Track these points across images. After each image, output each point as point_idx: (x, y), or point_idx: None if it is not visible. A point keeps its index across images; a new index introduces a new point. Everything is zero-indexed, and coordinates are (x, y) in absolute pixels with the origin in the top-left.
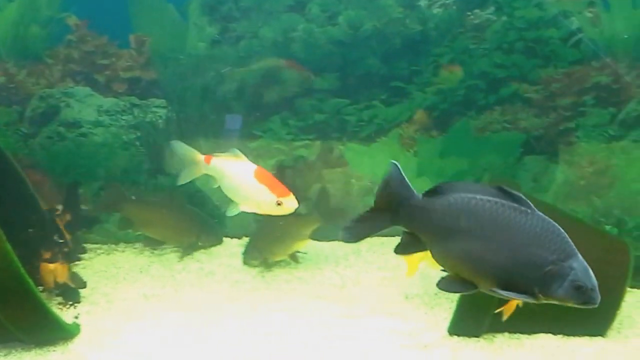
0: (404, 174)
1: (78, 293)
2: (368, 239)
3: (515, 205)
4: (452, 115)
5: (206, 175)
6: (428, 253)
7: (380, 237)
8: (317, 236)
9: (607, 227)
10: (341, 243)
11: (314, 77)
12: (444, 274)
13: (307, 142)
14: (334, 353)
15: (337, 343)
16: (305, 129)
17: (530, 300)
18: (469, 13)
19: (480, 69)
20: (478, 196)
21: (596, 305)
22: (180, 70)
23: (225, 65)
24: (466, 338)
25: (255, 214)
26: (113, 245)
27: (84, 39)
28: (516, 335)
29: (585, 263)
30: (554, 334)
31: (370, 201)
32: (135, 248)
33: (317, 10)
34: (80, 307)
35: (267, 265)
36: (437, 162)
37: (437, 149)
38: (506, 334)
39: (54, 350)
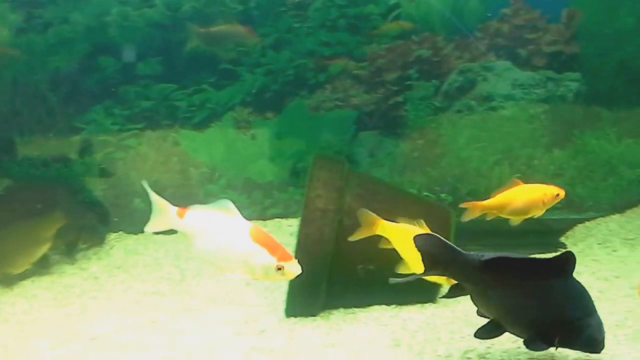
0: (443, 239)
1: None
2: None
3: (554, 269)
4: (285, 96)
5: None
6: None
7: None
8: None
9: (443, 195)
10: (184, 235)
11: None
12: None
13: (135, 131)
14: (166, 349)
15: (169, 338)
16: (132, 117)
17: (549, 348)
18: None
19: (307, 47)
20: (520, 257)
21: (599, 353)
22: None
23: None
24: (303, 318)
25: None
26: None
27: None
28: (351, 310)
29: (600, 319)
30: (388, 305)
31: (212, 189)
32: None
33: None
34: None
35: (9, 280)
36: (275, 144)
37: (274, 130)
38: (342, 309)
39: None
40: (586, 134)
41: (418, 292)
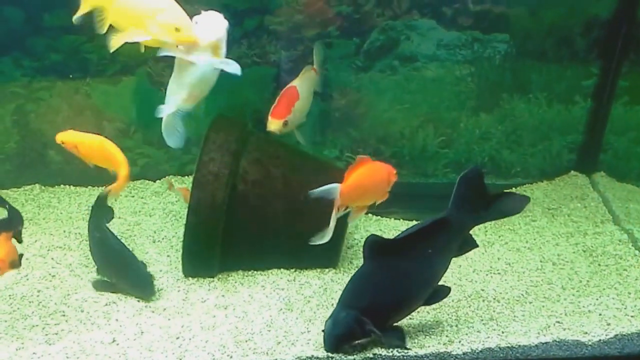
0: None
1: None
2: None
3: None
4: None
5: None
6: None
7: (141, 181)
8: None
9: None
10: (98, 191)
11: None
12: None
13: (46, 83)
14: (60, 304)
15: (64, 293)
16: (41, 69)
17: None
18: None
19: (220, 0)
20: None
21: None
22: None
23: None
24: (201, 279)
25: None
26: None
27: None
28: (250, 273)
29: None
30: (287, 269)
31: (128, 143)
32: None
33: None
34: None
35: None
36: None
37: None
38: (240, 272)
39: None
40: (515, 98)
41: (318, 257)
